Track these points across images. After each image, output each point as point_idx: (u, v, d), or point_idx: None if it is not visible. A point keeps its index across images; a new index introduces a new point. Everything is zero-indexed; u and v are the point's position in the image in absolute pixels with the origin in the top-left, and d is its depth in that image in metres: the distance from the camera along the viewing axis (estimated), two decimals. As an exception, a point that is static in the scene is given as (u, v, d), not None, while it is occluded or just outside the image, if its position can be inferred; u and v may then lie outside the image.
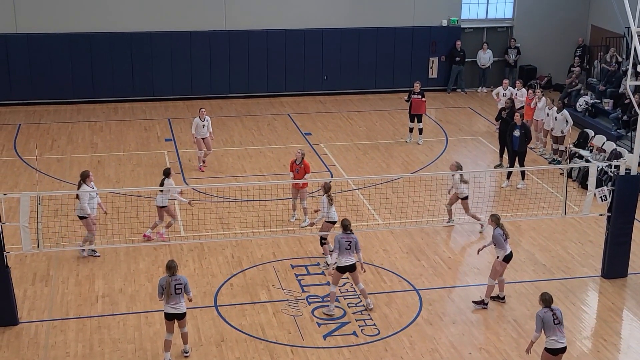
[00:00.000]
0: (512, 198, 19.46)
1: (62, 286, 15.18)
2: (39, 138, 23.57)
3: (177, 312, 12.58)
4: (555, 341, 11.69)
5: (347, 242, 13.90)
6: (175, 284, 12.50)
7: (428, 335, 13.72)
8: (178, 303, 12.54)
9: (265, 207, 18.44)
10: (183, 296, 12.58)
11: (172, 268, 12.54)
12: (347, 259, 13.95)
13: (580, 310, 14.69)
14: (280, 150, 22.70)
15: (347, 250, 13.90)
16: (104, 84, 27.07)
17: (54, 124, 24.94)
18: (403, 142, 23.70)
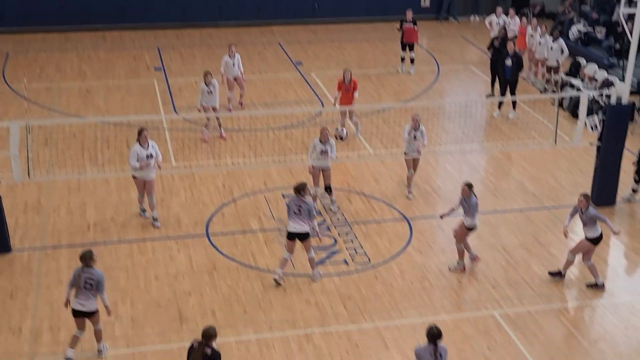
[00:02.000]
0: (503, 128, 19.45)
1: (54, 215, 15.21)
2: (27, 67, 23.30)
3: (84, 310, 11.01)
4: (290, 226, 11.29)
5: (296, 205, 12.75)
6: (86, 278, 10.91)
7: (418, 263, 13.88)
8: (87, 300, 10.95)
9: (256, 137, 18.39)
10: (95, 294, 11.00)
11: (85, 259, 10.94)
12: (295, 224, 12.79)
13: (569, 239, 14.82)
14: (271, 80, 22.52)
15: (296, 215, 12.73)
16: (92, 11, 26.63)
17: (42, 53, 24.62)
18: (395, 72, 23.53)
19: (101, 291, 10.97)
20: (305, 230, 12.83)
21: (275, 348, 11.67)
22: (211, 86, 17.81)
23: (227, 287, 13.10)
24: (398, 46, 23.77)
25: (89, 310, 11.04)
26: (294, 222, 12.80)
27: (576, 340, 12.01)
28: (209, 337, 9.55)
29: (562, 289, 13.27)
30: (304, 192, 12.75)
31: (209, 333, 9.56)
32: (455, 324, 12.29)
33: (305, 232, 12.85)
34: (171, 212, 15.40)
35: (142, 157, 14.15)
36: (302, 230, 12.82)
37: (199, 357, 9.45)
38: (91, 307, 11.02)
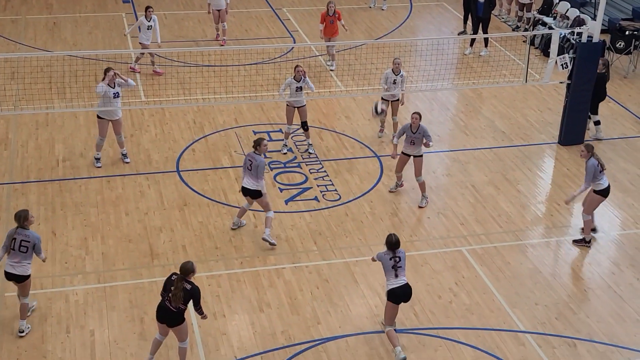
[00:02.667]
0: (474, 65, 19.45)
1: (22, 150, 15.05)
2: (-10, -2, 22.73)
3: (14, 273, 10.38)
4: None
5: (249, 161, 12.29)
6: (21, 240, 10.32)
7: (388, 200, 13.99)
8: (20, 263, 10.35)
9: (227, 73, 18.22)
10: (30, 257, 10.41)
11: (20, 219, 10.37)
12: (247, 180, 12.36)
13: (536, 175, 15.03)
14: (242, 15, 22.20)
15: (249, 171, 12.30)
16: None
17: (6, -16, 23.97)
18: (367, 8, 23.30)
19: (39, 253, 10.43)
20: (256, 188, 12.34)
21: (246, 283, 11.79)
22: (152, 21, 17.70)
23: (198, 223, 13.14)
24: (371, -19, 23.48)
25: (20, 274, 10.38)
26: (246, 178, 12.36)
27: (541, 275, 12.27)
28: (187, 273, 9.59)
29: (529, 225, 13.49)
30: (259, 149, 12.27)
31: (186, 268, 9.59)
32: (424, 260, 12.49)
33: (256, 190, 12.37)
34: (141, 148, 15.31)
35: (108, 95, 13.95)
36: (252, 187, 12.34)
37: (179, 292, 9.51)
38: (23, 272, 10.37)
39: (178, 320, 9.77)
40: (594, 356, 10.71)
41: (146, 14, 17.68)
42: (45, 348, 10.46)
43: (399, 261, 10.37)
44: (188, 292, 9.58)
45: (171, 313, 9.69)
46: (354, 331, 10.98)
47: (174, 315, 9.72)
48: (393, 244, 10.38)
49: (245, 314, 11.20)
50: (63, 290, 11.49)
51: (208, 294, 11.52)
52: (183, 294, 9.54)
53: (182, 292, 9.53)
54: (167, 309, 9.69)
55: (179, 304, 9.57)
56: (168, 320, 9.77)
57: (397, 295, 10.38)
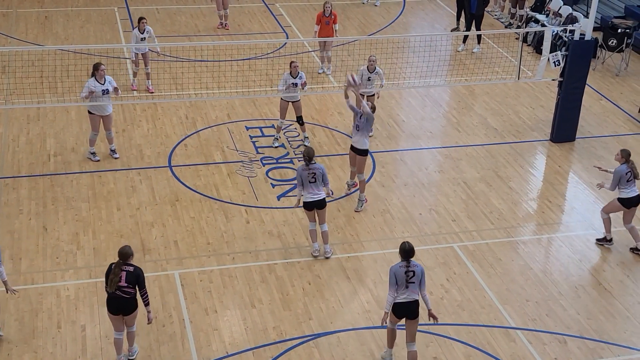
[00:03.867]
0: (467, 62, 19.47)
1: (13, 144, 15.00)
2: (-18, -9, 22.61)
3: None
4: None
5: (310, 174, 11.97)
6: None
7: (380, 196, 14.00)
8: None
9: (220, 68, 18.18)
10: None
11: None
12: (313, 193, 12.05)
13: (528, 173, 15.07)
14: (235, 10, 22.15)
15: (312, 184, 12.01)
16: None
17: (-2, -23, 23.87)
18: (360, 4, 23.29)
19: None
20: (324, 197, 12.09)
21: (238, 279, 11.79)
22: (145, 33, 16.71)
23: (190, 219, 13.12)
24: (364, -23, 23.47)
25: None
26: (312, 190, 11.98)
27: (532, 272, 12.30)
28: (127, 257, 9.62)
29: (520, 222, 13.52)
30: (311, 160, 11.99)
31: (125, 252, 9.61)
32: (416, 256, 12.44)
33: (323, 199, 12.09)
34: (133, 142, 15.27)
35: (97, 92, 13.90)
36: (321, 197, 12.05)
37: (116, 277, 9.50)
38: None
39: (133, 306, 9.75)
40: (584, 352, 10.75)
41: (139, 26, 16.66)
42: (36, 343, 10.44)
43: (413, 276, 9.72)
44: (132, 274, 9.59)
45: (125, 300, 9.65)
46: (345, 327, 10.99)
47: (129, 302, 9.69)
48: (407, 252, 9.72)
49: (237, 310, 11.20)
50: (54, 286, 11.46)
51: (200, 289, 11.51)
52: (127, 276, 9.54)
53: (126, 275, 9.53)
54: (119, 298, 9.63)
55: (115, 285, 9.52)
56: (124, 309, 9.72)
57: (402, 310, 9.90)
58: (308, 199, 12.03)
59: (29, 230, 12.62)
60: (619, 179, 12.36)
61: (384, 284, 11.79)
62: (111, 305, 9.75)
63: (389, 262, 12.30)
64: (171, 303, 11.23)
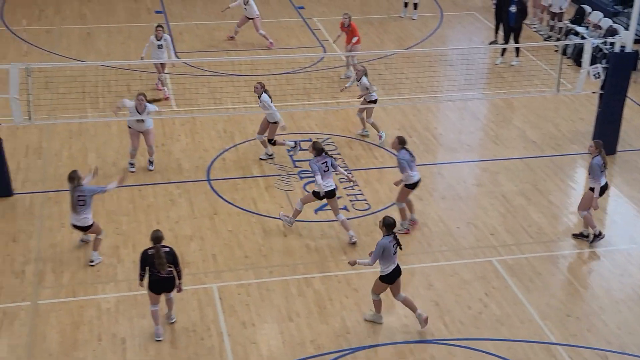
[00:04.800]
0: (505, 75, 19.37)
1: (55, 159, 15.26)
2: (26, 8, 23.06)
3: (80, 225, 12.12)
4: (326, 186, 12.37)
5: (322, 164, 12.75)
6: (78, 196, 11.90)
7: (418, 210, 13.94)
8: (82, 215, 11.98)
9: (258, 82, 18.29)
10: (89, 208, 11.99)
11: (74, 179, 11.90)
12: (329, 182, 12.76)
13: (568, 186, 14.91)
14: (272, 25, 22.32)
15: (326, 173, 12.74)
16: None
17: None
18: (397, 17, 23.32)
19: (102, 191, 12.14)
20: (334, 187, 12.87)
21: (275, 292, 11.82)
22: (162, 40, 17.20)
23: (227, 232, 13.21)
24: (401, -9, 23.51)
25: (85, 225, 12.07)
26: (327, 180, 12.72)
27: (572, 286, 12.16)
28: (160, 239, 10.48)
29: (560, 236, 13.37)
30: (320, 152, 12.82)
31: (159, 236, 10.47)
32: (454, 270, 12.43)
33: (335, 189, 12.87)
34: (172, 157, 15.44)
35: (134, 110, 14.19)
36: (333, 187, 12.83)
37: (161, 257, 10.37)
38: (86, 223, 12.04)
39: (174, 283, 10.70)
40: (626, 369, 10.59)
41: (156, 34, 17.19)
42: (77, 355, 10.57)
43: (397, 244, 10.68)
44: (170, 254, 10.54)
45: (167, 280, 10.57)
46: (383, 341, 10.96)
47: (170, 280, 10.61)
48: (392, 225, 10.65)
49: (274, 323, 11.23)
50: (95, 298, 11.61)
51: (238, 302, 11.57)
52: (166, 258, 10.43)
53: (165, 256, 10.41)
54: (163, 279, 10.54)
55: (165, 268, 10.42)
56: (167, 287, 10.66)
57: (391, 278, 10.84)
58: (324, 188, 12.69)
59: (71, 243, 12.81)
60: (598, 170, 12.73)
61: (422, 298, 11.75)
62: (157, 286, 10.62)
63: (426, 276, 12.26)
64: (209, 316, 11.30)
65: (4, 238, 12.87)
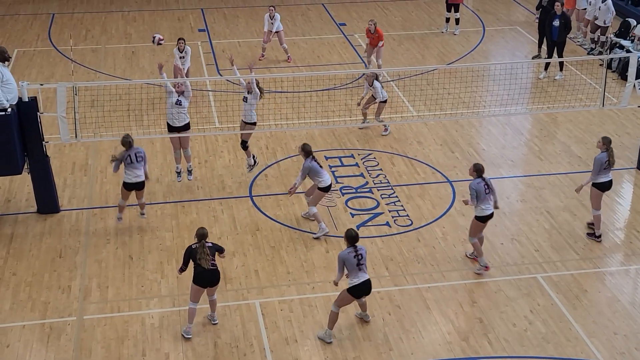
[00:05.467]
0: (549, 89, 19.18)
1: (101, 175, 15.48)
2: (73, 28, 23.53)
3: (138, 181, 13.33)
4: (484, 209, 12.18)
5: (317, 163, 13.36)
6: (136, 153, 13.21)
7: (460, 226, 13.85)
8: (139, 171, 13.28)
9: (299, 99, 18.41)
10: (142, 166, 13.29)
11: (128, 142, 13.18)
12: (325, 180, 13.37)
13: (614, 201, 14.68)
14: (314, 42, 22.43)
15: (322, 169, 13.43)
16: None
17: (87, 14, 24.83)
18: (439, 33, 23.27)
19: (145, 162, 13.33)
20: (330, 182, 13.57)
21: (318, 308, 11.81)
22: (184, 52, 18.14)
23: (270, 248, 13.25)
24: (443, 7, 23.47)
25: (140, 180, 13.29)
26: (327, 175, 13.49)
27: (619, 304, 11.94)
28: (205, 236, 10.89)
29: (607, 252, 13.16)
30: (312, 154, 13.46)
31: (203, 233, 10.88)
32: (498, 287, 12.30)
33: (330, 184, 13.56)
34: (215, 173, 15.56)
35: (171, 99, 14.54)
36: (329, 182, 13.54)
37: (204, 250, 10.78)
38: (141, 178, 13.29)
39: (219, 275, 11.08)
40: (676, 389, 10.34)
41: (178, 46, 18.09)
42: (121, 370, 10.67)
43: (362, 259, 10.79)
44: (213, 248, 11.02)
45: (212, 272, 10.94)
46: (426, 358, 10.87)
47: (215, 272, 10.99)
48: (353, 238, 10.80)
49: (317, 339, 11.20)
50: (139, 314, 11.72)
51: (280, 318, 11.58)
52: (211, 251, 10.89)
53: (209, 251, 10.85)
54: (208, 272, 10.89)
55: (209, 262, 10.82)
56: (213, 280, 11.03)
57: (359, 290, 10.95)
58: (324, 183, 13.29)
59: (116, 259, 12.97)
60: (600, 166, 12.97)
61: (465, 315, 11.64)
62: (203, 280, 10.96)
63: (470, 293, 12.15)
64: (252, 332, 11.33)
65: (50, 254, 13.08)
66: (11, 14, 24.68)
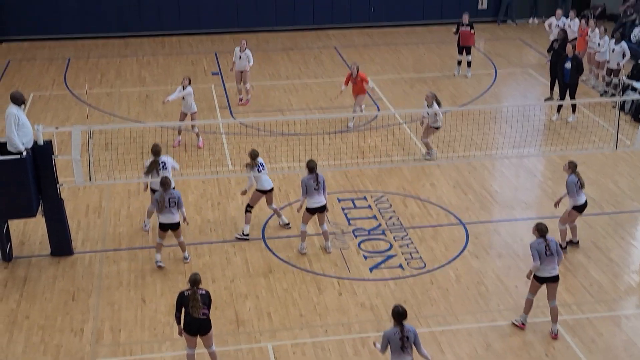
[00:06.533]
0: (562, 132, 19.18)
1: (114, 218, 15.53)
2: (88, 72, 23.83)
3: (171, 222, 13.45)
4: (545, 270, 11.86)
5: (313, 182, 13.70)
6: (169, 198, 13.28)
7: (474, 268, 13.78)
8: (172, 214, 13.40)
9: (312, 141, 18.49)
10: (177, 209, 13.38)
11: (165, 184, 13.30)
12: (320, 198, 13.77)
13: (629, 244, 14.57)
14: (327, 84, 22.60)
15: (316, 191, 13.71)
16: (151, 18, 27.15)
17: (103, 59, 25.16)
18: (451, 75, 23.40)
19: (181, 206, 13.36)
20: (324, 203, 13.89)
21: (331, 351, 11.72)
22: (185, 90, 17.98)
23: (282, 291, 13.20)
24: (454, 49, 23.64)
25: (175, 222, 13.42)
26: (318, 196, 13.77)
27: (636, 347, 11.78)
28: (198, 282, 10.75)
29: (622, 295, 13.03)
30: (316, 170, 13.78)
31: (196, 279, 10.74)
32: (513, 330, 12.17)
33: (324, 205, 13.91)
34: (228, 215, 15.58)
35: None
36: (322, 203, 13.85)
37: (195, 298, 10.61)
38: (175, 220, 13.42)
39: (209, 326, 10.86)
40: None
41: (183, 84, 18.05)
42: (132, 414, 10.58)
43: (407, 340, 9.96)
44: (206, 296, 10.78)
45: (202, 322, 10.75)
46: (440, 403, 10.72)
47: (206, 322, 10.79)
48: (401, 315, 9.99)
49: (329, 383, 11.09)
50: (152, 357, 11.65)
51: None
52: (201, 300, 10.66)
53: (200, 298, 10.65)
54: (197, 320, 10.70)
55: (200, 310, 10.63)
56: (202, 329, 10.82)
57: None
58: (312, 205, 13.71)
59: (128, 301, 12.94)
60: (574, 187, 13.58)
61: (480, 359, 11.50)
62: (191, 328, 10.81)
63: (484, 336, 12.03)
64: (264, 376, 11.24)
65: (63, 296, 13.07)
66: (28, 59, 25.05)
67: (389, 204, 15.95)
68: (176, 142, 18.37)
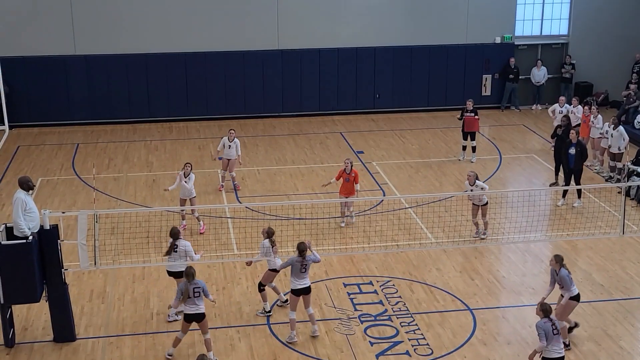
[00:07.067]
0: (568, 217, 19.16)
1: (118, 303, 15.41)
2: (96, 157, 24.05)
3: (195, 313, 13.21)
4: (553, 351, 11.80)
5: (301, 264, 13.77)
6: (194, 288, 13.11)
7: (482, 355, 13.55)
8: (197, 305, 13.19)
9: (318, 226, 18.48)
10: (202, 299, 13.21)
11: (189, 275, 13.14)
12: (306, 281, 13.89)
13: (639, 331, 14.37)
14: (333, 169, 22.73)
15: (302, 273, 13.79)
16: (159, 104, 27.56)
17: (111, 143, 25.44)
18: (456, 160, 23.55)
19: (207, 295, 13.23)
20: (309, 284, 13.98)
21: None
22: (187, 178, 18.20)
23: (287, 378, 12.97)
24: (459, 134, 23.86)
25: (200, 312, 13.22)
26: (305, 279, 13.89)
27: None
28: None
29: (634, 384, 12.77)
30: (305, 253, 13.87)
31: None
32: (523, 420, 11.88)
33: (309, 287, 13.97)
34: (232, 300, 15.45)
35: None
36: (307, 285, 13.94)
37: None
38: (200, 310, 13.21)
39: None
40: None
41: (185, 170, 18.24)
42: None
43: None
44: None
45: None
46: None
47: None
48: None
49: None
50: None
51: None
52: None
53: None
54: None
55: None
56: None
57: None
58: (297, 286, 13.79)
59: (130, 389, 12.72)
60: (569, 278, 13.46)
61: None
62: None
63: None
64: None
65: (64, 383, 12.86)
66: (37, 144, 25.34)
67: (395, 289, 15.82)
68: (182, 227, 18.39)
